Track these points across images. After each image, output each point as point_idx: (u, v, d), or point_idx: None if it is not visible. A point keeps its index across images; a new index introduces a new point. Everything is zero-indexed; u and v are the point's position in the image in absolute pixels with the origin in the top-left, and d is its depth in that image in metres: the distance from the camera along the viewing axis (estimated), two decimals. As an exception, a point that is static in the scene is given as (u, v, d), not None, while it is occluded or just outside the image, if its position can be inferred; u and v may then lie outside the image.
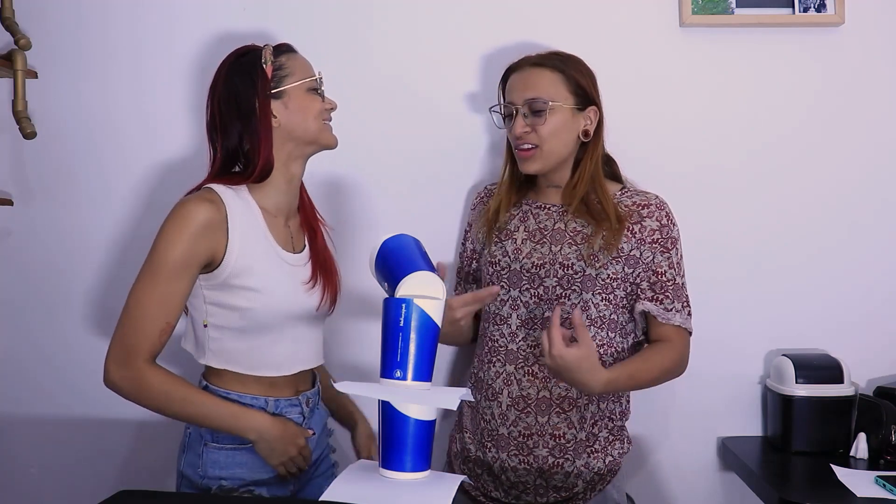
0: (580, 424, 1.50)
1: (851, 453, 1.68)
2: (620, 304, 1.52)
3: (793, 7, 1.78)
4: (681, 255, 1.55)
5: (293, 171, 1.44)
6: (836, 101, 1.82)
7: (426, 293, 1.11)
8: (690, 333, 1.54)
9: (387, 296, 1.15)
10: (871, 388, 1.79)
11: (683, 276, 1.55)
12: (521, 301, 1.53)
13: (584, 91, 1.52)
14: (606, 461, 1.52)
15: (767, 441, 1.81)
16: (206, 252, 1.32)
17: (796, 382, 1.69)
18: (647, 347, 1.55)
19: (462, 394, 1.14)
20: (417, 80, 1.80)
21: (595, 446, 1.52)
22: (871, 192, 1.83)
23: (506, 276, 1.55)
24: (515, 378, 1.51)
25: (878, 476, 1.52)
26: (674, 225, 1.54)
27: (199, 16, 1.79)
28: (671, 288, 1.51)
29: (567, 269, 1.50)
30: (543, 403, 1.50)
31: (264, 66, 1.39)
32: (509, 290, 1.54)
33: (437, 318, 1.12)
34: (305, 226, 1.51)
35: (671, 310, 1.51)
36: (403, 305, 1.10)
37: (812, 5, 1.78)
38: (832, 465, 1.62)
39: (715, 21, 1.78)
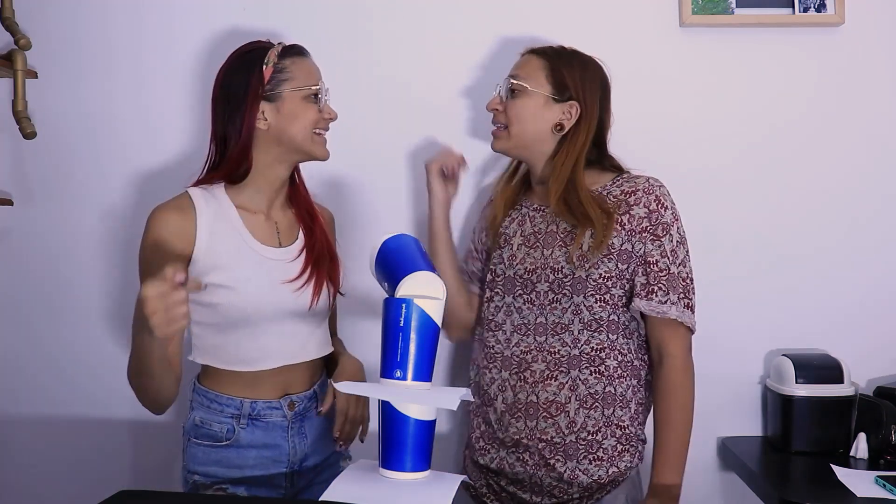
0: (569, 429, 1.45)
1: (851, 453, 1.68)
2: (619, 304, 1.45)
3: (793, 7, 1.78)
4: (677, 242, 1.43)
5: (277, 174, 1.44)
6: (835, 101, 1.81)
7: (426, 293, 1.11)
8: (692, 332, 1.45)
9: (387, 296, 1.15)
10: (871, 388, 1.79)
11: (682, 264, 1.43)
12: (515, 307, 1.52)
13: (566, 83, 1.48)
14: (610, 471, 1.45)
15: (767, 441, 1.81)
16: (178, 254, 1.33)
17: (796, 382, 1.69)
18: (654, 413, 1.48)
19: (462, 394, 1.14)
20: (418, 79, 1.80)
21: (598, 454, 1.46)
22: (870, 191, 1.82)
23: (500, 283, 1.54)
24: (510, 384, 1.49)
25: (878, 476, 1.52)
26: (665, 209, 1.44)
27: (199, 16, 1.79)
28: (664, 278, 1.41)
29: (557, 273, 1.47)
30: (532, 408, 1.47)
31: (265, 66, 1.38)
32: (504, 297, 1.53)
33: (438, 318, 1.12)
34: (300, 219, 1.50)
35: (665, 302, 1.41)
36: (403, 305, 1.10)
37: (812, 5, 1.78)
38: (832, 465, 1.62)
39: (715, 21, 1.78)
